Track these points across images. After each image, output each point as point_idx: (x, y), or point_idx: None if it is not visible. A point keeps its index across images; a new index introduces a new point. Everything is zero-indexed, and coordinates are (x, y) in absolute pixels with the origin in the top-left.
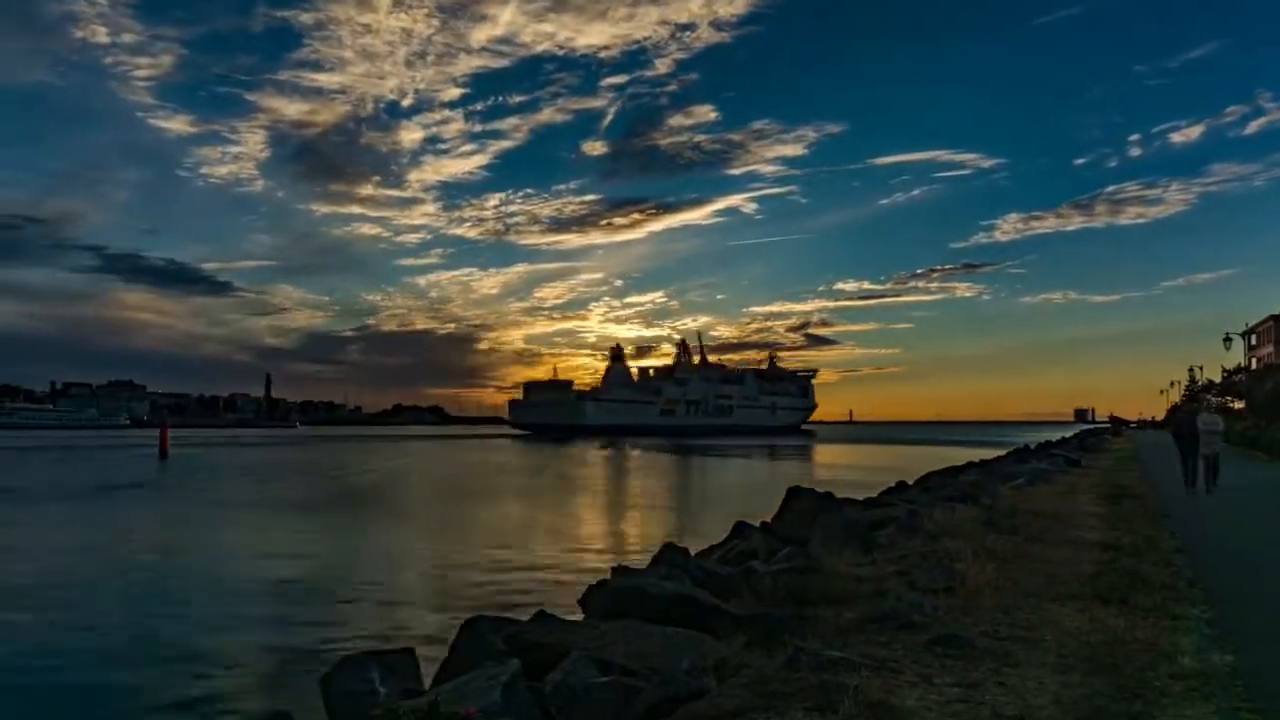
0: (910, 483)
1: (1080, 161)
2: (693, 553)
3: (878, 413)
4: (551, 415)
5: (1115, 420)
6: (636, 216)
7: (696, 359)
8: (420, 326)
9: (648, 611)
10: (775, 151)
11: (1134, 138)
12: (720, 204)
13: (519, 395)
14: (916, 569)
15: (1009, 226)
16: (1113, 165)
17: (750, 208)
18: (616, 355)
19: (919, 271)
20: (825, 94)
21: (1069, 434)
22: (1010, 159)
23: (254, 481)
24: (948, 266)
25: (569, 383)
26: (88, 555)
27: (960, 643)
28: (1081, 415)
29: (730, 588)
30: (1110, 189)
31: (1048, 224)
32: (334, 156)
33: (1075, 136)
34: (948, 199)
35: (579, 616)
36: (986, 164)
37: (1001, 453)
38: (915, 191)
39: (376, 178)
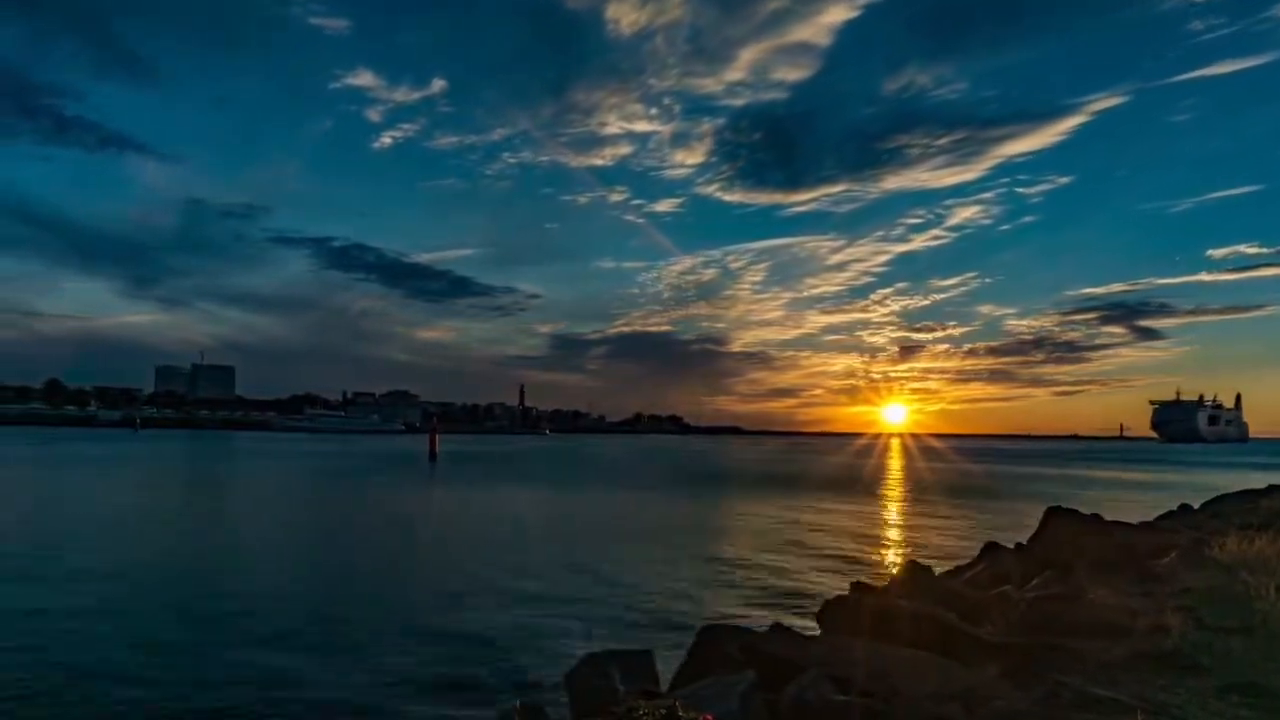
0: (1195, 505)
1: None
2: (937, 572)
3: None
4: None
5: None
6: (946, 141)
7: None
8: (663, 328)
9: (889, 631)
10: None
11: None
12: (1082, 113)
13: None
14: (1204, 604)
15: None
16: None
17: (1134, 119)
18: None
19: None
20: None
21: None
22: None
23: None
24: None
25: None
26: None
27: (1261, 692)
28: None
29: (980, 612)
30: None
31: None
32: (551, 64)
33: None
34: None
35: (815, 630)
36: None
37: None
38: None
39: (613, 105)
